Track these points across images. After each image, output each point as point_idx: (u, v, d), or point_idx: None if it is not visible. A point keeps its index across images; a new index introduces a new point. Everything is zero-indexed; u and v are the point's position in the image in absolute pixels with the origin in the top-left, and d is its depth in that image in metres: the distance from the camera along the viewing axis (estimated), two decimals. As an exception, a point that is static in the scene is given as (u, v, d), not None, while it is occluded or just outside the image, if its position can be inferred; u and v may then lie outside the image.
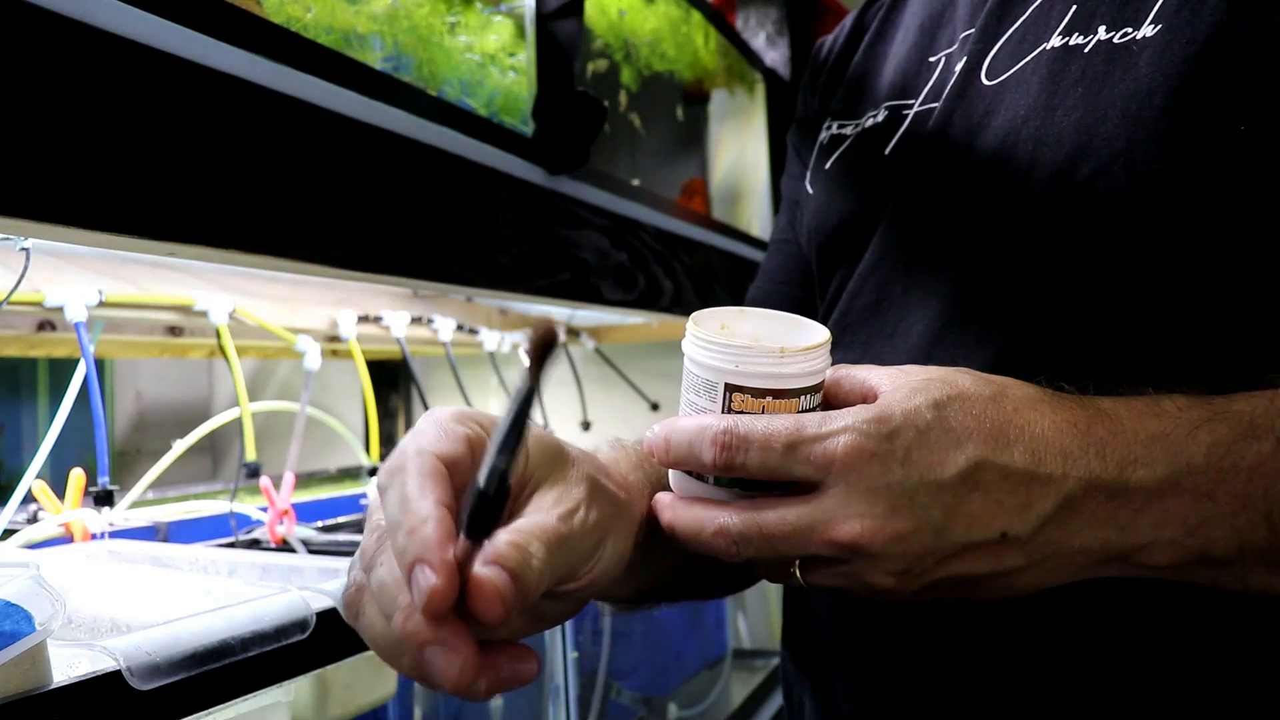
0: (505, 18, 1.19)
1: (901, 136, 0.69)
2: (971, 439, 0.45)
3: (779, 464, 0.46)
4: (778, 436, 0.46)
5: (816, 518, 0.45)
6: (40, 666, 0.59)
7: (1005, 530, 0.45)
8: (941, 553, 0.46)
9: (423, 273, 0.96)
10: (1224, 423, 0.46)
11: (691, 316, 0.51)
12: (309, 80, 0.81)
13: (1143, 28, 0.56)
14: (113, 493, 1.10)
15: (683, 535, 0.49)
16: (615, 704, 1.60)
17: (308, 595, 0.80)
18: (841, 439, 0.45)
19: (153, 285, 1.24)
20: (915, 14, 0.75)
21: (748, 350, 0.47)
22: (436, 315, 1.71)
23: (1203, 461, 0.45)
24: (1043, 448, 0.46)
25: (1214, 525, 0.45)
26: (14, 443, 2.00)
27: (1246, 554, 0.45)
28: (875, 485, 0.45)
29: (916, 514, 0.45)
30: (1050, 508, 0.45)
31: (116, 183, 0.65)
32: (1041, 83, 0.59)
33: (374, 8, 0.97)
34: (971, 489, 0.45)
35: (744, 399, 0.48)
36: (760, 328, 0.51)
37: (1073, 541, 0.46)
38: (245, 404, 1.22)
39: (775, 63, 2.22)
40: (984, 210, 0.61)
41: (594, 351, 2.15)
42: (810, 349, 0.48)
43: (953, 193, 0.63)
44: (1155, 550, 0.46)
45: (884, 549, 0.45)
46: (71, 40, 0.62)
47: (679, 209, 1.67)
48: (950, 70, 0.68)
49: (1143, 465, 0.45)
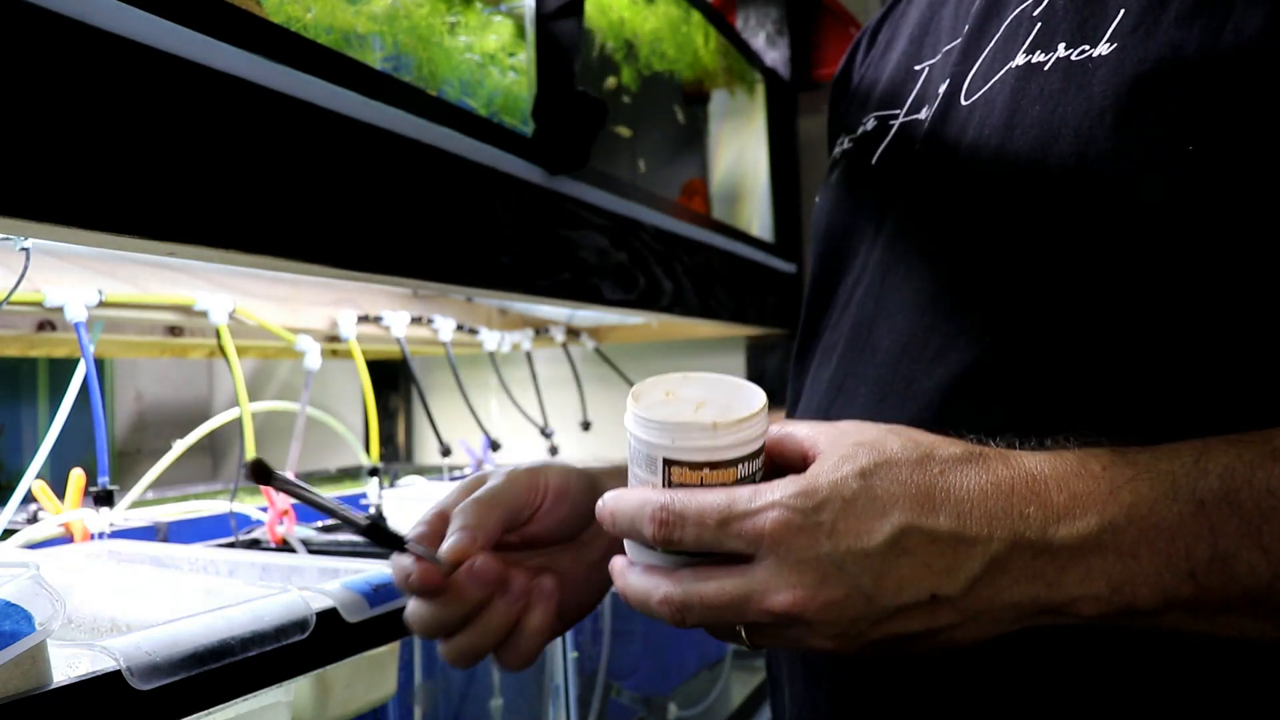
0: (505, 18, 1.19)
1: (887, 146, 0.70)
2: (897, 506, 0.47)
3: (713, 539, 0.48)
4: (710, 514, 0.48)
5: (752, 588, 0.47)
6: (40, 666, 0.59)
7: (935, 591, 0.46)
8: (875, 616, 0.47)
9: (423, 273, 0.96)
10: (1145, 482, 0.46)
11: (633, 389, 0.53)
12: (309, 80, 0.81)
13: (1099, 46, 0.55)
14: (113, 493, 1.10)
15: (633, 601, 0.52)
16: (615, 704, 1.60)
17: (308, 595, 0.80)
18: (770, 515, 0.47)
19: (153, 285, 1.24)
20: (909, 23, 0.76)
21: (681, 427, 0.49)
22: (436, 315, 1.71)
23: (1124, 521, 0.46)
24: (968, 510, 0.47)
25: (1138, 583, 0.46)
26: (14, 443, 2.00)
27: (1174, 607, 0.46)
28: (804, 557, 0.46)
29: (846, 582, 0.46)
30: (978, 568, 0.46)
31: (116, 183, 0.65)
32: (1005, 102, 0.59)
33: (374, 8, 0.97)
34: (899, 554, 0.46)
35: (683, 471, 0.49)
36: (702, 393, 0.52)
37: (1003, 597, 0.47)
38: (245, 404, 1.22)
39: (775, 63, 2.21)
40: (948, 228, 0.61)
41: (594, 351, 2.15)
42: (742, 420, 0.49)
43: (927, 210, 0.64)
44: (1083, 604, 0.47)
45: (817, 616, 0.47)
46: (71, 40, 0.62)
47: (679, 209, 1.67)
48: (931, 82, 0.68)
49: (1065, 524, 0.46)
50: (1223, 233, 0.51)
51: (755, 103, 2.12)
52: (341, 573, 0.89)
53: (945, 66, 0.67)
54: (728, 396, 0.52)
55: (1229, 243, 0.51)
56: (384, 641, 0.87)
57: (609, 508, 0.51)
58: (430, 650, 1.46)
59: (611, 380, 2.15)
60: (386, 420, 2.34)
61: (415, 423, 2.40)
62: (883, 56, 0.78)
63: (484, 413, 1.91)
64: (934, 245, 0.62)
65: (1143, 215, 0.52)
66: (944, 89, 0.65)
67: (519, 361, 2.02)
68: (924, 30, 0.73)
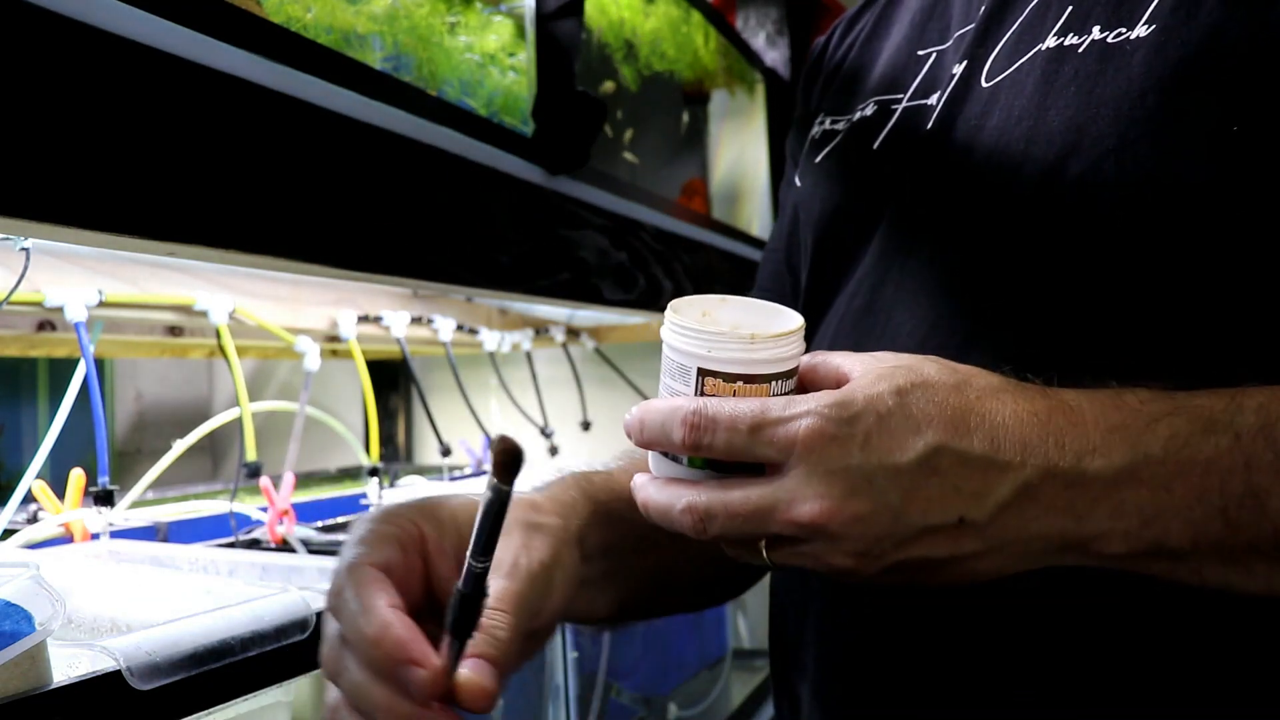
0: (505, 18, 1.19)
1: (890, 131, 0.69)
2: (931, 425, 0.46)
3: (744, 445, 0.47)
4: (743, 418, 0.47)
5: (779, 497, 0.47)
6: (40, 666, 0.59)
7: (963, 515, 0.46)
8: (899, 536, 0.47)
9: (423, 273, 0.96)
10: (1183, 417, 0.46)
11: (671, 303, 0.52)
12: (309, 80, 0.81)
13: (1137, 28, 0.56)
14: (113, 493, 1.10)
15: (654, 512, 0.51)
16: (615, 704, 1.60)
17: (308, 595, 0.80)
18: (804, 422, 0.46)
19: (153, 285, 1.24)
20: (909, 9, 0.75)
21: (720, 336, 0.49)
22: (436, 315, 1.71)
23: (1160, 453, 0.45)
24: (1002, 436, 0.46)
25: (1169, 517, 0.45)
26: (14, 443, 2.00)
27: (1201, 547, 0.46)
28: (834, 468, 0.46)
29: (874, 497, 0.46)
30: (1007, 494, 0.46)
31: (116, 183, 0.65)
32: (1036, 83, 0.59)
33: (374, 8, 0.97)
34: (929, 474, 0.46)
35: (716, 383, 0.49)
36: (739, 316, 0.52)
37: (1030, 528, 0.47)
38: (245, 404, 1.22)
39: (775, 63, 2.21)
40: (973, 210, 0.61)
41: (594, 351, 2.15)
42: (780, 335, 0.49)
43: (943, 193, 0.63)
44: (1112, 540, 0.46)
45: (842, 530, 0.46)
46: (71, 40, 0.62)
47: (679, 209, 1.67)
48: (941, 67, 0.68)
49: (1100, 455, 0.46)
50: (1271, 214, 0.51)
51: (755, 103, 2.12)
52: (341, 573, 0.89)
53: (959, 50, 0.67)
54: (766, 319, 0.52)
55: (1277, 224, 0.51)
56: (384, 641, 0.87)
57: (637, 416, 0.50)
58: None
59: (611, 380, 2.15)
60: (386, 420, 2.34)
61: (415, 423, 2.40)
62: (877, 42, 0.77)
63: (484, 413, 1.91)
64: (957, 228, 0.62)
65: (1187, 195, 0.52)
66: (959, 70, 0.65)
67: (519, 361, 2.02)
68: (929, 15, 0.72)
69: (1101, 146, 0.55)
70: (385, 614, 0.48)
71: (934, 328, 0.60)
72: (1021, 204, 0.58)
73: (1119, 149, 0.54)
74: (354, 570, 0.51)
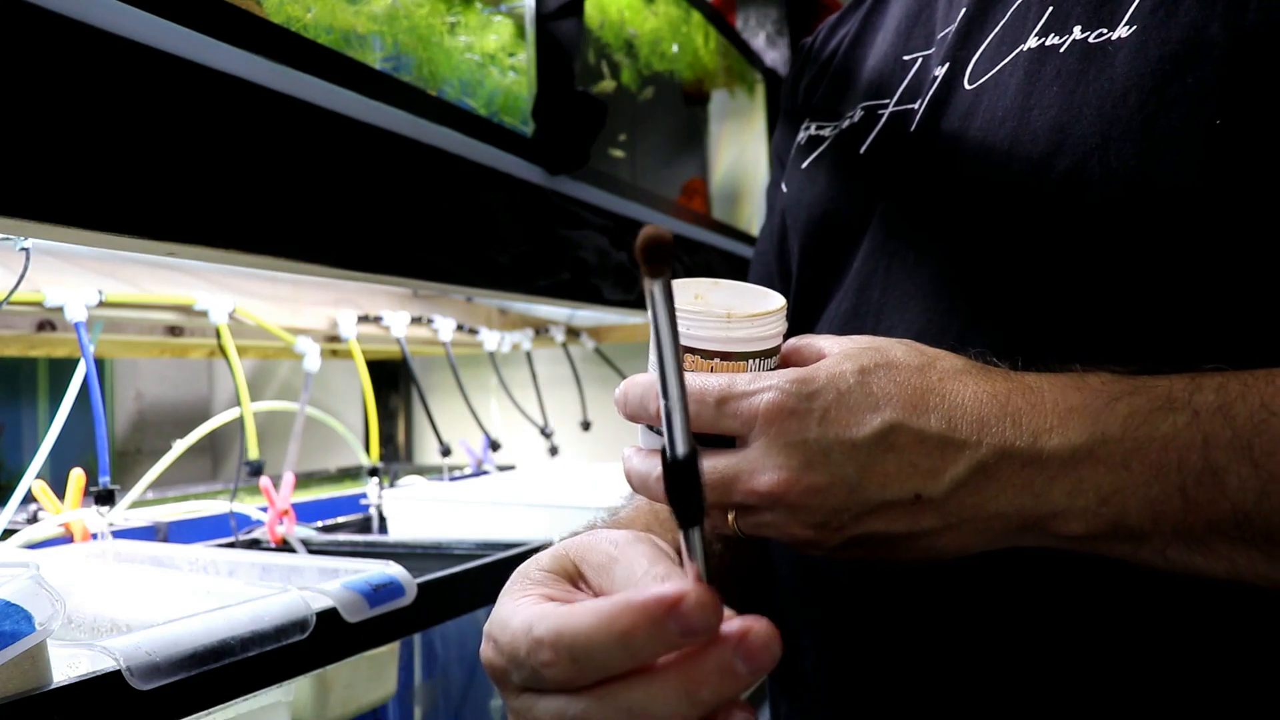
0: (505, 18, 1.19)
1: (877, 136, 0.70)
2: (890, 403, 0.47)
3: (711, 417, 0.49)
4: (711, 392, 0.49)
5: (740, 468, 0.48)
6: (40, 666, 0.59)
7: (919, 491, 0.47)
8: (857, 509, 0.47)
9: (423, 273, 0.96)
10: (1143, 396, 0.46)
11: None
12: (309, 80, 0.81)
13: (1118, 29, 0.56)
14: (113, 492, 1.10)
15: (634, 480, 0.53)
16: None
17: (308, 595, 0.80)
18: (765, 396, 0.48)
19: (153, 285, 1.24)
20: (894, 15, 0.75)
21: (698, 315, 0.50)
22: (436, 315, 1.71)
23: (1118, 432, 0.46)
24: (959, 415, 0.47)
25: (1127, 494, 0.45)
26: (14, 443, 2.00)
27: (1162, 527, 0.46)
28: (792, 440, 0.47)
29: (831, 470, 0.47)
30: (963, 472, 0.47)
31: (116, 183, 0.65)
32: (1019, 84, 0.60)
33: (374, 8, 0.97)
34: (886, 450, 0.47)
35: (694, 359, 0.51)
36: (730, 299, 0.53)
37: (988, 506, 0.47)
38: (246, 402, 1.22)
39: (775, 63, 2.22)
40: (959, 211, 0.61)
41: (594, 351, 2.15)
42: (756, 315, 0.51)
43: (929, 196, 0.64)
44: (1070, 518, 0.46)
45: (800, 500, 0.47)
46: (71, 40, 0.62)
47: (679, 209, 1.67)
48: (927, 71, 0.68)
49: (1057, 434, 0.46)
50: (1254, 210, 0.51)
51: (755, 103, 2.13)
52: (341, 573, 0.89)
53: (940, 53, 0.67)
54: (752, 302, 0.53)
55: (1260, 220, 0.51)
56: (384, 641, 0.87)
57: (623, 390, 0.53)
58: (430, 650, 1.46)
59: (611, 380, 2.15)
60: (386, 420, 2.34)
61: (415, 423, 2.40)
62: (863, 48, 0.77)
63: (484, 413, 1.91)
64: (944, 229, 0.62)
65: (1171, 192, 0.53)
66: (941, 73, 0.65)
67: (519, 361, 2.02)
68: (914, 20, 0.73)
69: (1085, 145, 0.55)
70: (581, 603, 0.39)
71: (923, 328, 0.61)
72: (1007, 205, 0.59)
73: (1103, 148, 0.55)
74: (520, 608, 0.41)
